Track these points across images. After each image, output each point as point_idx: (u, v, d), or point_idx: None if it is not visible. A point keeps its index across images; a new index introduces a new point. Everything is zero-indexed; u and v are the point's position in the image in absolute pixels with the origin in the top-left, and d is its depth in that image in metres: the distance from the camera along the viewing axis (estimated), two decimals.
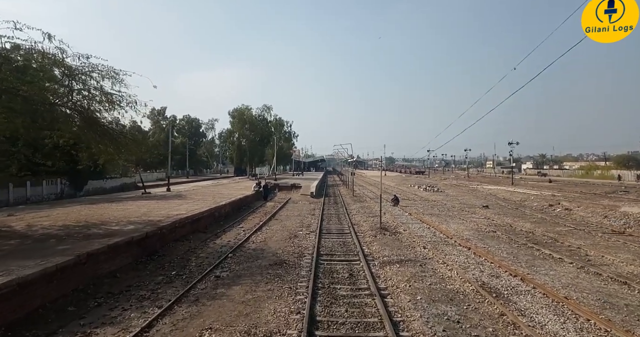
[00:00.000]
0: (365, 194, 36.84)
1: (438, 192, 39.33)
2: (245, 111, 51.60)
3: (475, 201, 30.22)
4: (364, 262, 10.58)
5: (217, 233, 15.07)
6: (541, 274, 9.51)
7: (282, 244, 13.12)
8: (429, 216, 20.51)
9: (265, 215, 20.74)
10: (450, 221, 18.71)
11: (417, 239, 13.95)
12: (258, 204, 25.61)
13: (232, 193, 26.68)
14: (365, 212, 22.66)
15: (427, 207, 25.42)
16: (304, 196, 31.94)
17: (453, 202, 28.62)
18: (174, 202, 19.37)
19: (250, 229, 16.12)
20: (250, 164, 51.47)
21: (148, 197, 22.37)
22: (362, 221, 19.07)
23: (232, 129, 51.84)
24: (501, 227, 16.84)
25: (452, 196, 34.35)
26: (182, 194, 24.51)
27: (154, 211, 15.94)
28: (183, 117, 69.12)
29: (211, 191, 28.14)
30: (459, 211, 23.01)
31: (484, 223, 17.98)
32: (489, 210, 23.63)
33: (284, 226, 17.21)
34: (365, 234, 15.36)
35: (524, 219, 19.74)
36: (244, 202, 23.99)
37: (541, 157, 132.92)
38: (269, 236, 14.57)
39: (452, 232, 15.44)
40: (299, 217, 19.98)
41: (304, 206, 25.36)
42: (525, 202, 28.73)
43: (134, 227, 11.37)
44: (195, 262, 10.43)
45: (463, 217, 20.24)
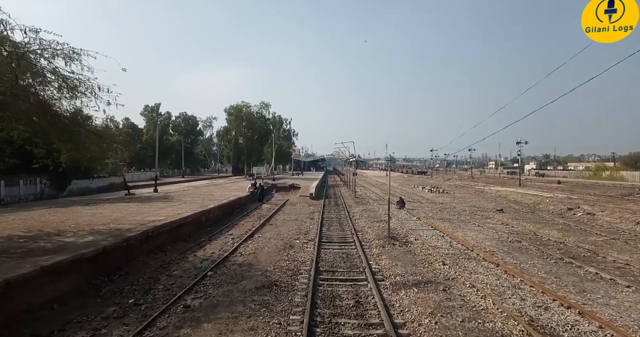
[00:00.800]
0: (368, 195, 34.85)
1: (444, 194, 37.34)
2: (243, 108, 49.57)
3: (486, 203, 28.23)
4: (373, 284, 8.58)
5: (201, 242, 13.07)
6: (600, 304, 7.50)
7: (275, 257, 11.13)
8: (440, 221, 18.52)
9: (259, 219, 18.75)
10: (465, 228, 16.71)
11: (433, 251, 11.95)
12: (253, 207, 23.62)
13: (225, 194, 24.71)
14: (369, 216, 20.66)
15: (436, 210, 23.43)
16: (303, 197, 29.96)
17: (462, 205, 26.61)
18: (156, 205, 17.38)
19: (240, 237, 14.13)
20: (247, 163, 49.47)
21: (130, 199, 20.39)
22: (366, 226, 17.07)
23: (229, 126, 49.77)
24: (525, 236, 14.84)
25: (459, 198, 32.35)
26: (170, 196, 22.52)
27: (129, 216, 13.95)
28: (179, 115, 67.20)
29: (202, 192, 26.17)
30: (472, 216, 21.01)
31: (503, 230, 15.98)
32: (504, 214, 21.62)
33: (279, 233, 15.22)
34: (372, 243, 13.36)
35: (546, 225, 17.73)
36: (237, 204, 22.00)
37: (545, 158, 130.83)
38: (261, 246, 12.58)
39: (471, 241, 13.44)
40: (296, 222, 18.00)
41: (302, 209, 23.37)
42: (539, 206, 26.74)
43: (93, 238, 9.39)
44: (164, 284, 8.43)
45: (478, 222, 18.24)
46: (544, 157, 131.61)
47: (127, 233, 10.16)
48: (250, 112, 50.22)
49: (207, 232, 15.02)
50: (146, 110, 58.18)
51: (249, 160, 49.51)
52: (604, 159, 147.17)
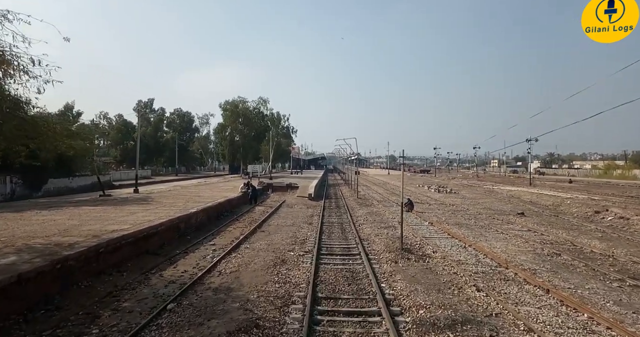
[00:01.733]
0: (371, 195, 32.52)
1: (452, 194, 35.01)
2: (239, 104, 47.16)
3: (501, 205, 25.91)
4: (390, 323, 6.27)
5: (174, 256, 10.75)
6: None
7: (261, 278, 8.82)
8: (457, 227, 16.21)
9: (250, 225, 16.45)
10: (488, 236, 14.39)
11: (458, 269, 9.63)
12: (245, 209, 21.30)
13: (214, 195, 22.40)
14: (375, 220, 18.34)
15: (448, 213, 21.11)
16: (301, 198, 27.65)
17: (476, 207, 24.29)
18: (127, 210, 15.05)
19: (223, 248, 11.83)
20: (244, 161, 47.12)
21: (104, 201, 18.06)
22: (372, 234, 14.75)
23: (224, 123, 47.34)
24: (562, 247, 12.52)
25: (470, 199, 30.01)
26: (150, 197, 20.20)
27: (86, 224, 11.64)
28: (174, 111, 64.75)
29: (190, 192, 23.87)
30: (490, 220, 18.69)
31: (533, 239, 13.65)
32: (527, 218, 19.29)
33: (271, 242, 12.91)
34: (381, 257, 11.04)
35: (581, 232, 15.40)
36: (226, 207, 19.69)
37: (549, 156, 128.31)
38: (246, 262, 10.26)
39: (501, 255, 11.12)
40: (291, 228, 15.69)
41: (299, 212, 21.06)
42: (560, 208, 24.43)
43: (14, 259, 7.08)
44: (100, 326, 6.11)
45: (500, 229, 15.92)
46: (549, 156, 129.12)
47: (68, 250, 7.82)
48: (246, 107, 47.85)
49: (185, 242, 12.70)
50: (139, 106, 55.82)
51: (245, 158, 47.16)
52: (606, 157, 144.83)
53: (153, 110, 56.70)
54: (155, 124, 53.68)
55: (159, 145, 55.93)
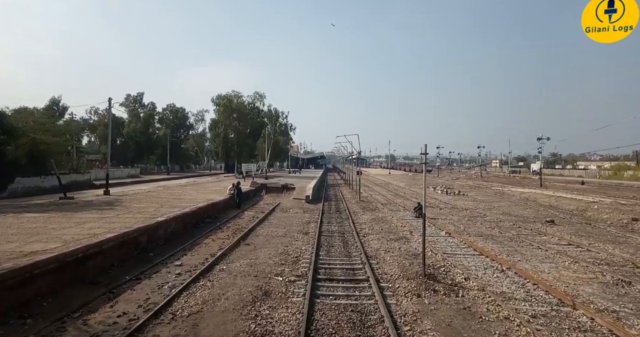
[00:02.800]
0: (374, 197, 29.82)
1: (461, 196, 32.32)
2: (234, 98, 44.31)
3: (520, 209, 23.22)
4: None
5: (120, 285, 8.02)
6: None
7: (231, 326, 6.13)
8: (481, 240, 13.53)
9: (234, 235, 13.73)
10: (525, 252, 11.69)
11: (508, 309, 6.92)
12: (232, 214, 18.56)
13: (198, 198, 19.67)
14: (383, 229, 15.62)
15: (464, 220, 18.42)
16: (298, 200, 24.93)
17: (493, 212, 21.62)
18: (78, 218, 12.25)
19: (191, 271, 9.13)
20: (238, 159, 44.33)
21: (58, 206, 15.21)
22: (381, 249, 12.04)
23: (218, 119, 44.48)
24: (624, 269, 9.82)
25: (483, 202, 27.31)
26: (120, 200, 17.43)
27: (2, 240, 8.89)
28: (167, 106, 61.82)
29: (171, 194, 21.14)
30: (517, 230, 16.01)
31: (583, 258, 10.95)
32: (558, 227, 16.60)
33: (255, 261, 10.20)
34: (397, 287, 8.33)
35: (632, 246, 12.69)
36: (208, 212, 16.96)
37: (553, 156, 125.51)
38: (215, 295, 7.54)
39: (556, 283, 8.43)
40: (283, 240, 12.98)
41: (294, 217, 18.34)
42: (587, 213, 21.77)
43: None
44: None
45: (534, 242, 13.23)
46: (552, 156, 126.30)
47: None
48: (241, 103, 44.99)
49: (144, 261, 9.95)
50: (128, 100, 52.84)
51: (239, 156, 44.34)
52: (606, 158, 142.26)
53: (143, 105, 53.74)
54: (145, 119, 50.75)
55: (150, 142, 53.05)
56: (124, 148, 49.65)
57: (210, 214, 16.85)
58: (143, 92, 53.80)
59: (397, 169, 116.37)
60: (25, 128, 24.60)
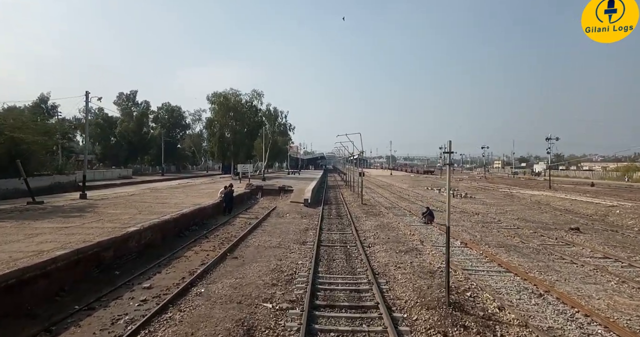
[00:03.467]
0: (377, 200, 28.12)
1: (469, 199, 30.61)
2: (230, 97, 42.59)
3: (535, 214, 21.52)
4: None
5: (64, 319, 6.30)
6: None
7: None
8: (504, 252, 11.86)
9: (220, 246, 12.03)
10: (559, 268, 10.00)
11: None
12: (222, 220, 16.85)
13: (185, 202, 17.97)
14: (390, 238, 13.91)
15: (479, 227, 16.74)
16: (296, 203, 23.23)
17: (507, 217, 19.94)
18: (32, 229, 10.42)
19: (160, 297, 7.44)
20: (235, 160, 42.62)
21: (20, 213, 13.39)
22: (391, 263, 10.34)
23: (213, 117, 42.78)
24: None
25: (494, 206, 25.61)
26: (95, 205, 15.68)
27: None
28: (162, 105, 60.05)
29: (156, 198, 19.43)
30: (540, 238, 14.32)
31: (630, 276, 9.26)
32: (585, 236, 14.91)
33: (241, 281, 8.51)
34: (416, 319, 6.63)
35: None
36: (195, 218, 15.25)
37: (556, 157, 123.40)
38: (183, 334, 5.83)
39: (615, 315, 6.74)
40: (277, 253, 11.28)
41: (291, 224, 16.63)
42: (608, 218, 20.10)
43: None
44: None
45: (565, 254, 11.53)
46: (556, 157, 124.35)
47: None
48: (238, 101, 43.29)
49: (105, 283, 8.22)
50: (120, 99, 51.04)
51: (236, 156, 42.62)
52: (608, 159, 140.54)
53: (136, 103, 51.91)
54: (139, 118, 48.90)
55: (144, 142, 51.27)
56: (116, 148, 47.92)
57: (197, 221, 15.14)
58: (136, 90, 52.05)
59: (398, 169, 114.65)
60: (3, 126, 22.91)
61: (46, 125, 28.49)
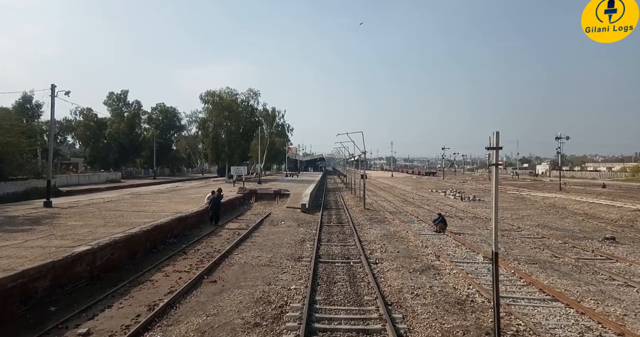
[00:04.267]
0: (380, 204, 26.11)
1: (479, 202, 28.64)
2: (226, 96, 40.59)
3: (555, 219, 19.55)
4: None
5: None
6: None
7: None
8: (538, 269, 9.89)
9: (198, 265, 10.02)
10: (617, 294, 8.03)
11: None
12: (207, 231, 14.82)
13: (165, 209, 15.96)
14: (400, 251, 11.89)
15: (499, 236, 14.71)
16: (292, 209, 21.22)
17: (526, 224, 17.99)
18: None
19: None
20: (229, 161, 40.58)
21: None
22: (405, 289, 8.32)
23: (206, 117, 40.77)
24: None
25: (507, 210, 23.62)
26: (57, 215, 13.62)
27: None
28: (157, 106, 57.95)
29: (133, 205, 17.41)
30: (574, 251, 12.35)
31: None
32: (625, 247, 12.93)
33: (213, 320, 6.50)
34: None
35: None
36: (174, 230, 13.23)
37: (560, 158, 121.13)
38: None
39: None
40: (265, 274, 9.26)
41: (286, 234, 14.61)
42: (637, 224, 18.11)
43: None
44: None
45: (613, 273, 9.55)
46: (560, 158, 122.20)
47: None
48: (234, 100, 41.30)
49: (30, 325, 6.21)
50: (111, 99, 48.90)
51: (231, 158, 40.59)
52: (609, 159, 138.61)
53: (127, 103, 49.75)
54: (129, 119, 46.73)
55: (136, 144, 49.15)
56: (106, 150, 45.81)
57: (176, 233, 13.11)
58: (127, 90, 49.80)
59: (398, 171, 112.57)
60: None
61: (22, 126, 26.48)
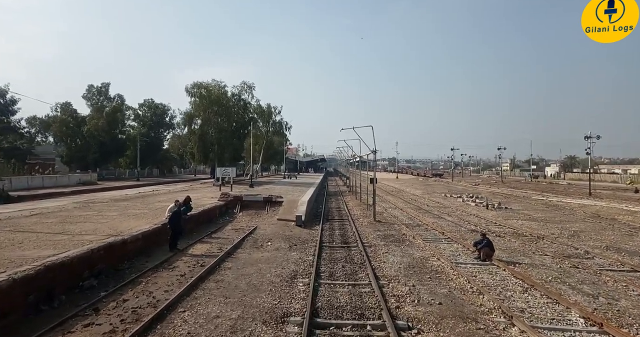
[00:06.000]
0: (392, 213, 21.76)
1: (506, 211, 24.21)
2: (214, 88, 36.32)
3: (623, 237, 15.16)
4: None
5: None
6: None
7: None
8: None
9: None
10: None
11: None
12: (156, 261, 10.46)
13: (104, 229, 11.64)
14: (444, 305, 7.52)
15: (572, 269, 10.40)
16: (284, 222, 16.90)
17: (590, 245, 13.66)
18: None
19: None
20: (219, 162, 36.31)
21: None
22: None
23: (193, 112, 36.49)
24: None
25: (549, 223, 19.25)
26: None
27: None
28: (144, 102, 53.58)
29: (63, 220, 13.09)
30: None
31: None
32: None
33: None
34: None
35: None
36: (96, 263, 8.89)
37: (570, 159, 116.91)
38: None
39: None
40: None
41: (270, 267, 10.21)
42: None
43: None
44: None
45: None
46: (569, 159, 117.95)
47: None
48: (223, 93, 37.00)
49: None
50: (90, 92, 44.50)
51: (220, 158, 36.29)
52: (615, 161, 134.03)
53: (109, 98, 45.33)
54: (110, 115, 42.15)
55: (118, 143, 44.87)
56: (85, 149, 41.53)
57: (101, 268, 8.76)
58: (109, 83, 45.05)
59: (402, 172, 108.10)
60: None
61: None
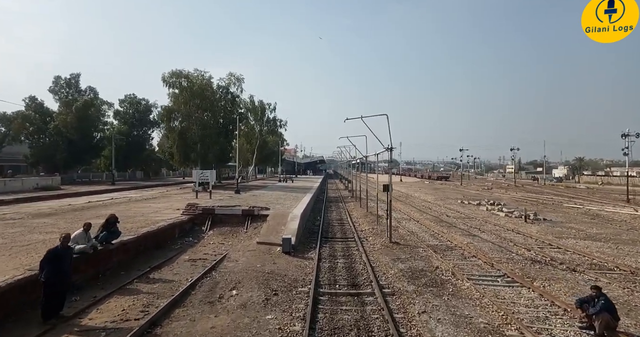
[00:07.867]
0: (409, 229, 16.94)
1: (548, 225, 19.37)
2: (196, 79, 31.52)
3: None
4: None
5: None
6: None
7: None
8: None
9: None
10: None
11: None
12: None
13: None
14: None
15: None
16: (267, 247, 12.04)
17: None
18: None
19: None
20: (202, 164, 31.47)
21: None
22: None
23: (172, 106, 31.69)
24: None
25: (619, 243, 14.45)
26: None
27: None
28: (125, 98, 48.62)
29: None
30: None
31: None
32: None
33: None
34: None
35: None
36: None
37: (578, 161, 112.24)
38: None
39: None
40: None
41: None
42: None
43: None
44: None
45: None
46: (577, 161, 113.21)
47: None
48: (206, 85, 32.16)
49: None
50: (57, 85, 39.48)
51: (204, 159, 31.44)
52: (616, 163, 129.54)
53: (79, 91, 40.40)
54: (80, 110, 37.06)
55: (91, 141, 40.00)
56: (51, 148, 36.69)
57: None
58: (79, 73, 39.93)
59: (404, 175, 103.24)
60: None
61: None
